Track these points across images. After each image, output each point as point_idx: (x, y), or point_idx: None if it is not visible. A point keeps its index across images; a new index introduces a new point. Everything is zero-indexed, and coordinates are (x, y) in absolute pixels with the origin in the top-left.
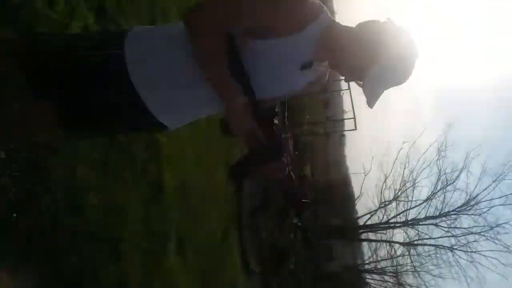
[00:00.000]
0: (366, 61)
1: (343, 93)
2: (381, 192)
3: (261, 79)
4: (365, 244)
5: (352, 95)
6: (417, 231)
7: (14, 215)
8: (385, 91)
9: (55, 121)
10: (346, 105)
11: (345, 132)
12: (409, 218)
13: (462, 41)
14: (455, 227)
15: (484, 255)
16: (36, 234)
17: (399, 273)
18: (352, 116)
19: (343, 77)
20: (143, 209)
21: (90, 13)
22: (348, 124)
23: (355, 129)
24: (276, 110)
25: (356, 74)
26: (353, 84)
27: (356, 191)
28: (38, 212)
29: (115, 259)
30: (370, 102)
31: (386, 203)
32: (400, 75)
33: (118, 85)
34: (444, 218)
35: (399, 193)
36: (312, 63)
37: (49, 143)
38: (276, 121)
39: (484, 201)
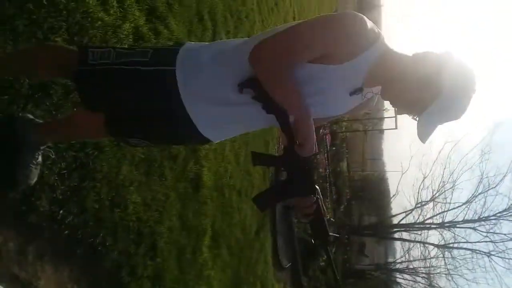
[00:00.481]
0: (425, 97)
1: None
2: (419, 192)
3: (308, 100)
4: (398, 243)
5: None
6: (453, 234)
7: (61, 211)
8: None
9: (106, 129)
10: (387, 103)
11: (385, 131)
12: (446, 220)
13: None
14: (494, 233)
15: None
16: (80, 229)
17: (432, 275)
18: (393, 115)
19: (394, 108)
20: (181, 206)
21: (141, 14)
22: (388, 123)
23: (396, 128)
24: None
25: (413, 109)
26: None
27: (393, 190)
28: (83, 208)
29: (152, 253)
30: (424, 138)
31: (423, 203)
32: (458, 111)
33: (169, 101)
34: (483, 223)
35: (437, 194)
36: (362, 89)
37: (97, 143)
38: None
39: None
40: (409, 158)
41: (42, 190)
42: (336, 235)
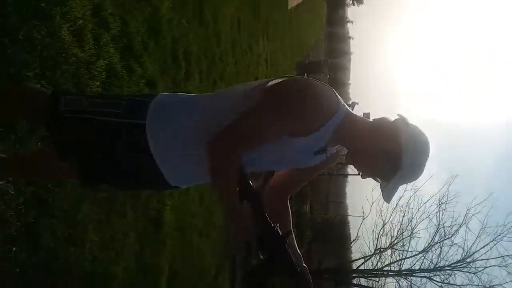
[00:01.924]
0: (387, 168)
1: None
2: (378, 238)
3: (267, 161)
4: None
5: None
6: (410, 283)
7: (14, 248)
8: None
9: (76, 176)
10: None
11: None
12: (403, 268)
13: (474, 82)
14: (449, 283)
15: None
16: (31, 268)
17: None
18: None
19: (357, 171)
20: (139, 245)
21: (116, 51)
22: (353, 168)
23: (359, 174)
24: (288, 232)
25: (376, 176)
26: None
27: (354, 234)
28: (38, 246)
29: None
30: (388, 200)
31: (382, 249)
32: (417, 174)
33: (139, 153)
34: (438, 272)
35: (396, 241)
36: (325, 149)
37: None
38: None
39: (481, 259)
40: (370, 203)
41: None
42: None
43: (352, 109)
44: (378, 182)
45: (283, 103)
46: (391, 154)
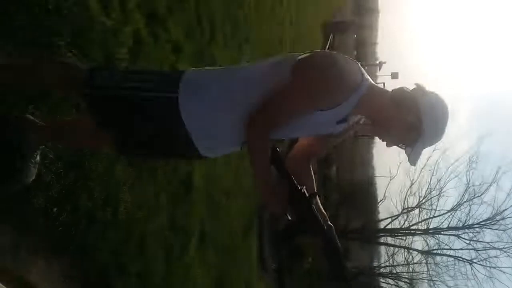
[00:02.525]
0: (409, 137)
1: None
2: (405, 198)
3: (291, 129)
4: (383, 248)
5: None
6: (437, 241)
7: (55, 209)
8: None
9: (114, 148)
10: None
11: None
12: (430, 227)
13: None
14: (477, 241)
15: (503, 271)
16: (73, 227)
17: (414, 280)
18: None
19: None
20: (171, 206)
21: (142, 18)
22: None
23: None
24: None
25: (399, 144)
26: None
27: (380, 194)
28: (77, 207)
29: (140, 252)
30: (414, 163)
31: (409, 209)
32: (438, 138)
33: (172, 124)
34: (467, 230)
35: (424, 201)
36: (347, 119)
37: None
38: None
39: (510, 217)
40: (397, 164)
41: (38, 187)
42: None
43: (380, 69)
44: (403, 148)
45: (311, 82)
46: (412, 123)
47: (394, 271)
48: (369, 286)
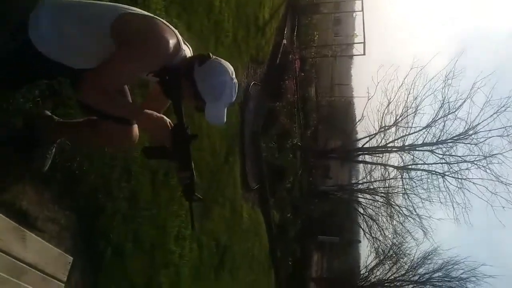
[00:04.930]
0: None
1: (356, 15)
2: (383, 116)
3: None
4: (361, 165)
5: (364, 18)
6: (412, 156)
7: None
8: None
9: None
10: (358, 28)
11: (353, 57)
12: (406, 144)
13: None
14: (450, 155)
15: (473, 183)
16: (58, 154)
17: (390, 194)
18: (362, 41)
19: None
20: None
21: None
22: (357, 49)
23: (364, 54)
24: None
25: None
26: (366, 6)
27: (359, 114)
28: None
29: (126, 177)
30: (214, 121)
31: (386, 127)
32: (223, 97)
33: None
34: (440, 146)
35: (400, 119)
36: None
37: None
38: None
39: (483, 131)
40: (375, 84)
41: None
42: (200, 197)
43: None
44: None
45: (136, 52)
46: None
47: (372, 187)
48: (348, 201)
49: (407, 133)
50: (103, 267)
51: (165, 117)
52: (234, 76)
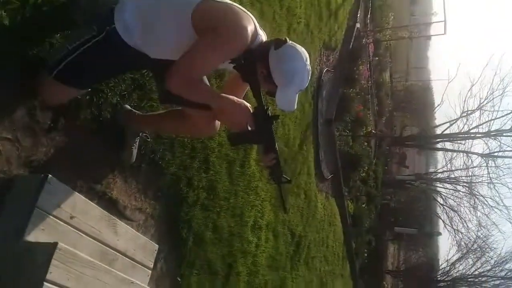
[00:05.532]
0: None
1: None
2: (465, 100)
3: None
4: (440, 153)
5: None
6: (499, 143)
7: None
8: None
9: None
10: (437, 6)
11: (432, 37)
12: (492, 129)
13: None
14: None
15: None
16: (143, 145)
17: (473, 184)
18: (442, 19)
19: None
20: None
21: None
22: (436, 28)
23: (444, 33)
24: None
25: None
26: None
27: (437, 99)
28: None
29: (205, 167)
30: (285, 107)
31: (469, 112)
32: (299, 83)
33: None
34: None
35: (485, 102)
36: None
37: None
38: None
39: None
40: (457, 66)
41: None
42: (288, 178)
43: None
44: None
45: (220, 44)
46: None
47: (452, 176)
48: (425, 191)
49: (493, 118)
50: (185, 254)
51: (245, 101)
52: (308, 62)
